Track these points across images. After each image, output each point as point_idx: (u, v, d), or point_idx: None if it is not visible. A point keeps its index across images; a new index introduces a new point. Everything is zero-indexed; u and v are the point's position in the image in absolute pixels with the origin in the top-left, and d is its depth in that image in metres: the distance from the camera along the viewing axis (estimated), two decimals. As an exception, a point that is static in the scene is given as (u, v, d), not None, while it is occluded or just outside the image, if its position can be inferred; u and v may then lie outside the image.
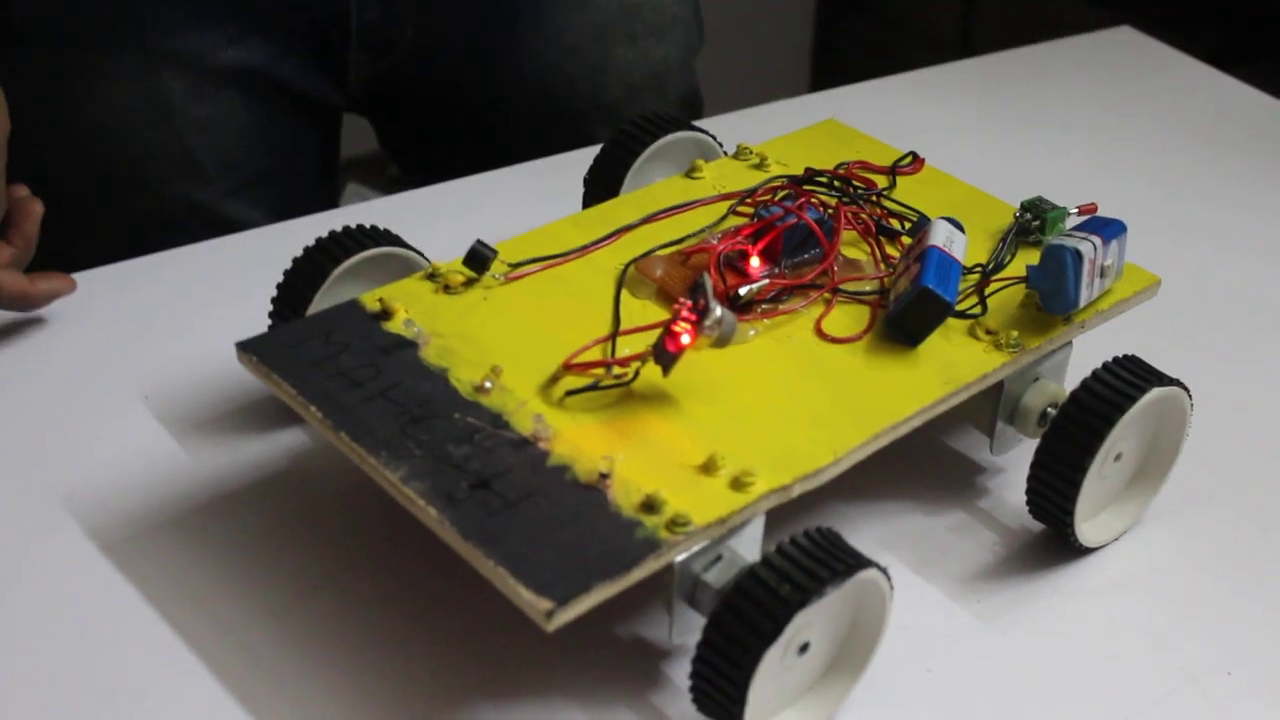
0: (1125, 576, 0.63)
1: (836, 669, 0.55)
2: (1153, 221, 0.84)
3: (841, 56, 2.18)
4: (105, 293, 0.76)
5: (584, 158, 0.79)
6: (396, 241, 0.66)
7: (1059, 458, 0.60)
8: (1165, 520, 0.66)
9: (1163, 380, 0.61)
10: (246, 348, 0.60)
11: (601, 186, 0.75)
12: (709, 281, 0.57)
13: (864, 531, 0.64)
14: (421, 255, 0.67)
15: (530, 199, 0.84)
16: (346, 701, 0.55)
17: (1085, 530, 0.62)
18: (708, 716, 0.53)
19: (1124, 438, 0.61)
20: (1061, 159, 0.96)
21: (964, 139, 0.97)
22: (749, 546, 0.55)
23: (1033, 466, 0.61)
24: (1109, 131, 1.00)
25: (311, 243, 0.66)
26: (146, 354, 0.72)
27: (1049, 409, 0.63)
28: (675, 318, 0.56)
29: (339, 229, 0.66)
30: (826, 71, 2.17)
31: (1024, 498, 0.62)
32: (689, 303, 0.57)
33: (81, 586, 0.59)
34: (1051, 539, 0.64)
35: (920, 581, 0.62)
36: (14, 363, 0.71)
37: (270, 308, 0.66)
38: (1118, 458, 0.62)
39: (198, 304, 0.76)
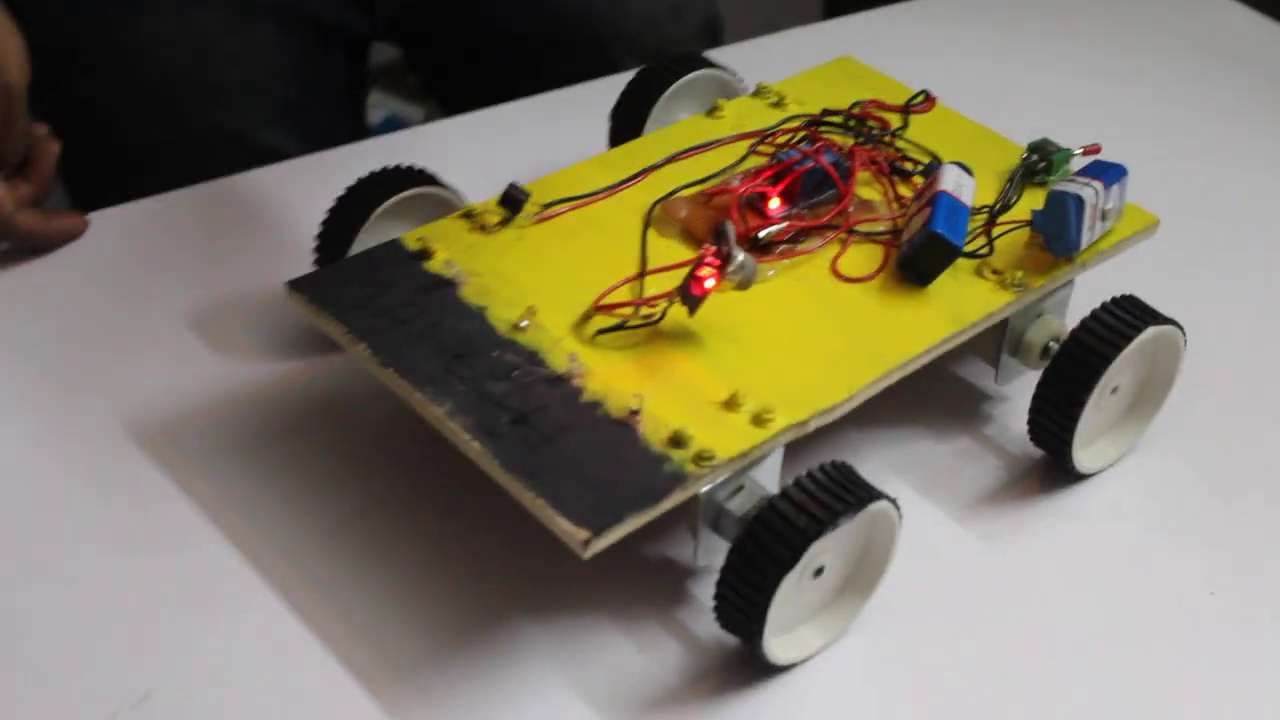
0: (1120, 501, 0.67)
1: (849, 589, 0.60)
2: (1173, 143, 0.88)
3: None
4: (147, 224, 0.80)
5: (607, 87, 0.82)
6: (433, 181, 0.70)
7: (1059, 392, 0.64)
8: (1159, 448, 0.69)
9: (1158, 319, 0.65)
10: (297, 287, 0.63)
11: (627, 123, 0.78)
12: (731, 229, 0.60)
13: (875, 457, 0.68)
14: (457, 194, 0.70)
15: (557, 130, 0.87)
16: (395, 613, 0.60)
17: (1082, 458, 0.66)
18: (730, 632, 0.57)
19: (1120, 372, 0.65)
20: (1074, 82, 0.99)
21: (978, 65, 1.00)
22: (769, 476, 0.59)
23: (1035, 398, 0.65)
24: (1122, 54, 1.04)
25: (349, 176, 0.69)
26: (192, 284, 0.76)
27: (1051, 343, 0.67)
28: (700, 262, 0.60)
29: (378, 169, 0.70)
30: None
31: (1026, 426, 0.66)
32: (713, 248, 0.60)
33: (148, 508, 0.64)
34: (1051, 464, 0.68)
35: (927, 504, 0.66)
36: (60, 295, 0.75)
37: (313, 241, 0.69)
38: (1114, 390, 0.66)
39: (239, 235, 0.80)
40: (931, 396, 0.71)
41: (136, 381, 0.70)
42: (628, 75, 0.79)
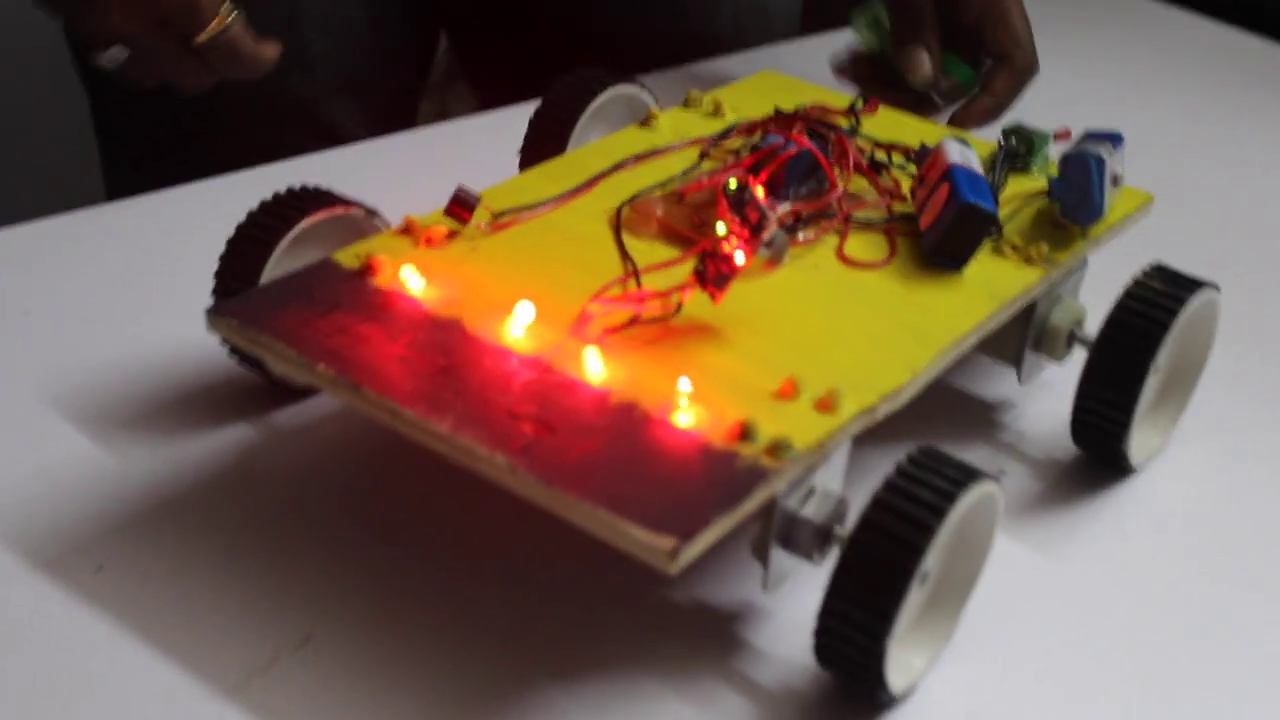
0: (1167, 501, 0.60)
1: (942, 598, 0.50)
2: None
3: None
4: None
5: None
6: (348, 202, 0.59)
7: (1111, 375, 0.57)
8: (1196, 436, 0.63)
9: (1200, 284, 0.58)
10: (223, 311, 0.51)
11: (543, 147, 0.68)
12: (753, 189, 0.51)
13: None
14: (380, 216, 0.59)
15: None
16: (408, 689, 0.47)
17: (1133, 449, 0.59)
18: (841, 669, 0.47)
19: (1168, 345, 0.58)
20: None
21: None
22: (835, 476, 0.49)
23: (1081, 388, 0.58)
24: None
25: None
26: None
27: (1075, 329, 0.60)
28: (721, 238, 0.51)
29: (281, 192, 0.58)
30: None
31: (1040, 429, 0.61)
32: (737, 218, 0.51)
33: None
34: (1080, 466, 0.60)
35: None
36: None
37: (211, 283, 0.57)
38: (1157, 370, 0.59)
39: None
40: (931, 413, 0.62)
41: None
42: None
